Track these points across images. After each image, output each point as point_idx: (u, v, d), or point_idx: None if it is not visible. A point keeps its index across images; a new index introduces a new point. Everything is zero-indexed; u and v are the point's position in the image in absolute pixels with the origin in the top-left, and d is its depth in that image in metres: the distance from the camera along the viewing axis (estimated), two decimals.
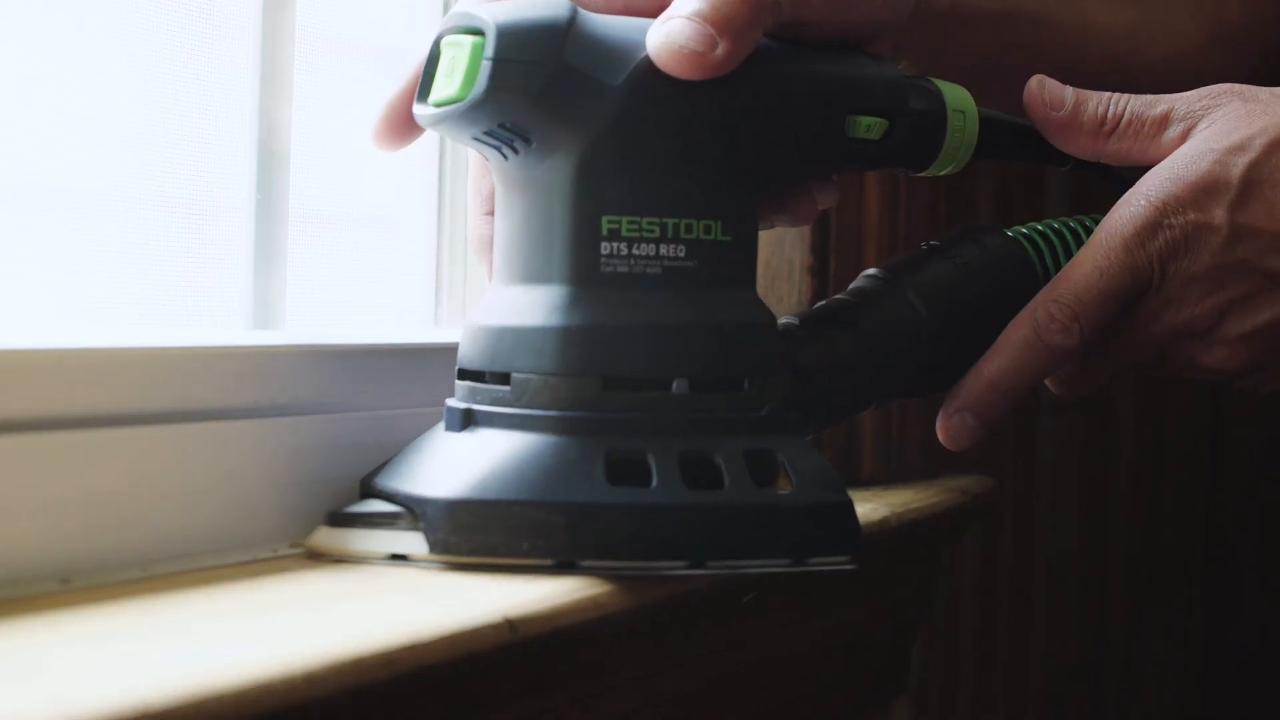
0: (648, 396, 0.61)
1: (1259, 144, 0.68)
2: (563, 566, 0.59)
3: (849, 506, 0.63)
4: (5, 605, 0.52)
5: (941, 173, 0.71)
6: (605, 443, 0.60)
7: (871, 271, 0.71)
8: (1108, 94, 0.71)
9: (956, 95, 0.69)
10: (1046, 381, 0.71)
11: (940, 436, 0.70)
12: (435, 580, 0.59)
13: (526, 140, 0.61)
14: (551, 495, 0.59)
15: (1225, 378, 0.71)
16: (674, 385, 0.62)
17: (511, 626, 0.53)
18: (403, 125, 0.66)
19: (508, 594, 0.55)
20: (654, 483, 0.60)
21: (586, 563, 0.59)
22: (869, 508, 0.87)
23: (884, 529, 0.86)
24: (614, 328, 0.61)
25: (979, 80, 0.73)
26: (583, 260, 0.61)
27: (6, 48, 0.64)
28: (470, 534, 0.59)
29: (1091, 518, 1.47)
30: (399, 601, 0.56)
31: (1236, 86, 0.70)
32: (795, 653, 0.88)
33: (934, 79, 0.70)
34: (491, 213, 0.67)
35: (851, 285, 0.70)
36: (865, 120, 0.66)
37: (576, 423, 0.60)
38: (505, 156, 0.62)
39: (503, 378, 0.62)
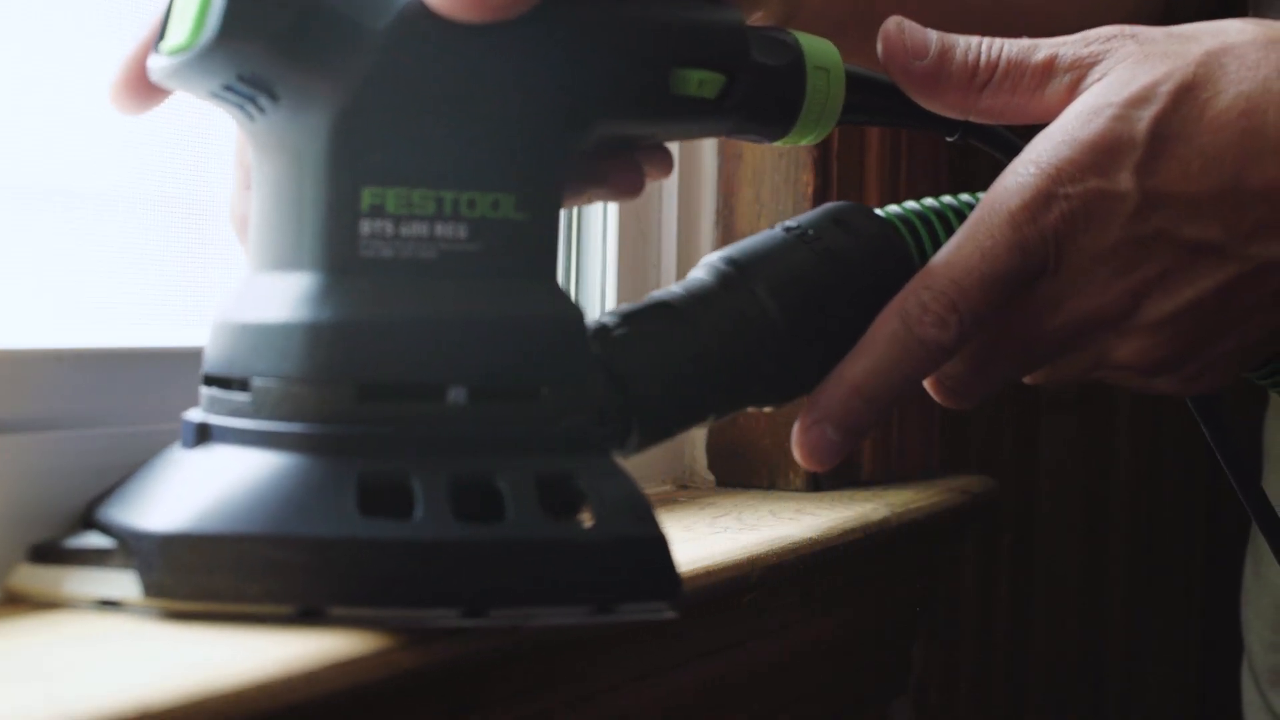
0: (415, 408, 0.50)
1: (1164, 92, 0.57)
2: (306, 615, 0.49)
3: (662, 542, 0.52)
4: (4, 605, 0.52)
5: (802, 141, 0.61)
6: (359, 464, 0.49)
7: (712, 259, 0.59)
8: (979, 38, 0.60)
9: (819, 50, 0.59)
10: (929, 388, 0.61)
11: (796, 453, 0.58)
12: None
13: (272, 96, 0.50)
14: (290, 528, 0.48)
15: (1144, 377, 0.60)
16: (449, 394, 0.51)
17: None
18: (141, 84, 0.55)
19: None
20: (418, 513, 0.49)
21: (335, 610, 0.49)
22: (869, 508, 0.87)
23: (884, 529, 0.86)
24: (373, 324, 0.50)
25: (850, 33, 0.63)
26: (338, 242, 0.50)
27: (6, 48, 0.64)
28: (190, 575, 0.48)
29: (1091, 518, 1.47)
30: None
31: (1129, 28, 0.60)
32: (795, 653, 0.88)
33: (793, 31, 0.60)
34: None
35: (689, 275, 0.59)
36: (696, 75, 0.56)
37: (324, 439, 0.50)
38: (251, 117, 0.52)
39: (243, 384, 0.51)
